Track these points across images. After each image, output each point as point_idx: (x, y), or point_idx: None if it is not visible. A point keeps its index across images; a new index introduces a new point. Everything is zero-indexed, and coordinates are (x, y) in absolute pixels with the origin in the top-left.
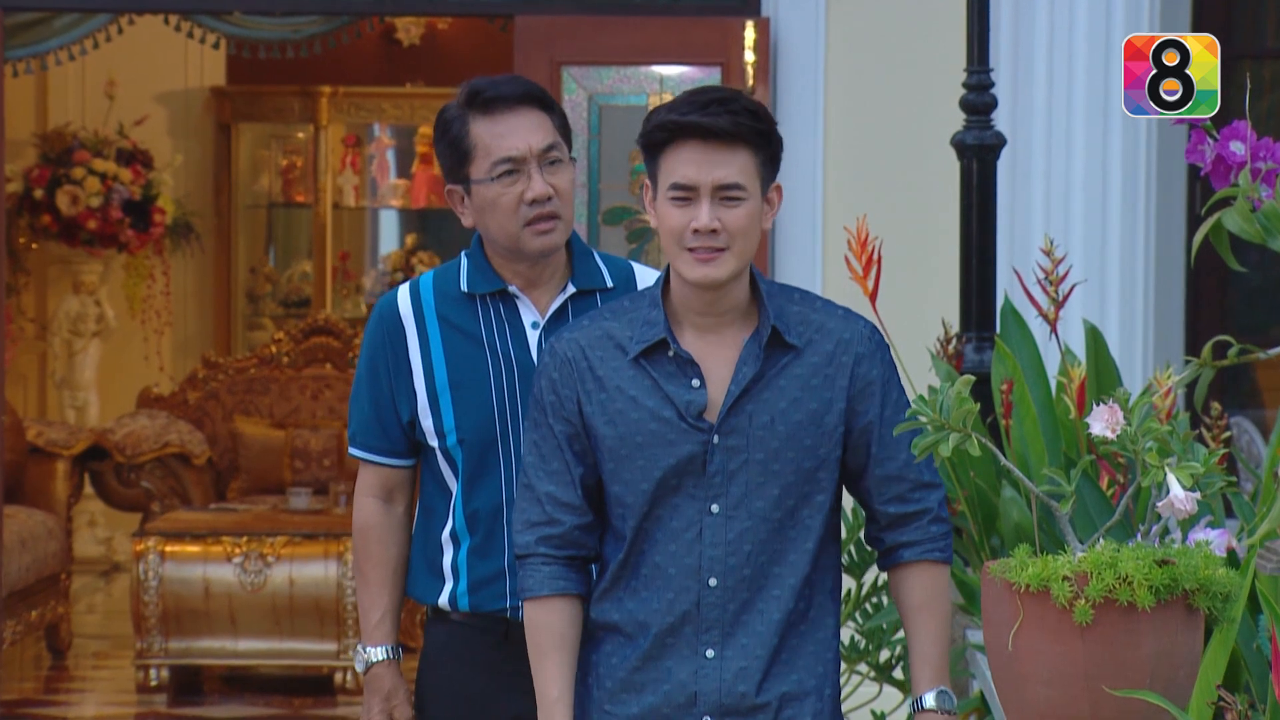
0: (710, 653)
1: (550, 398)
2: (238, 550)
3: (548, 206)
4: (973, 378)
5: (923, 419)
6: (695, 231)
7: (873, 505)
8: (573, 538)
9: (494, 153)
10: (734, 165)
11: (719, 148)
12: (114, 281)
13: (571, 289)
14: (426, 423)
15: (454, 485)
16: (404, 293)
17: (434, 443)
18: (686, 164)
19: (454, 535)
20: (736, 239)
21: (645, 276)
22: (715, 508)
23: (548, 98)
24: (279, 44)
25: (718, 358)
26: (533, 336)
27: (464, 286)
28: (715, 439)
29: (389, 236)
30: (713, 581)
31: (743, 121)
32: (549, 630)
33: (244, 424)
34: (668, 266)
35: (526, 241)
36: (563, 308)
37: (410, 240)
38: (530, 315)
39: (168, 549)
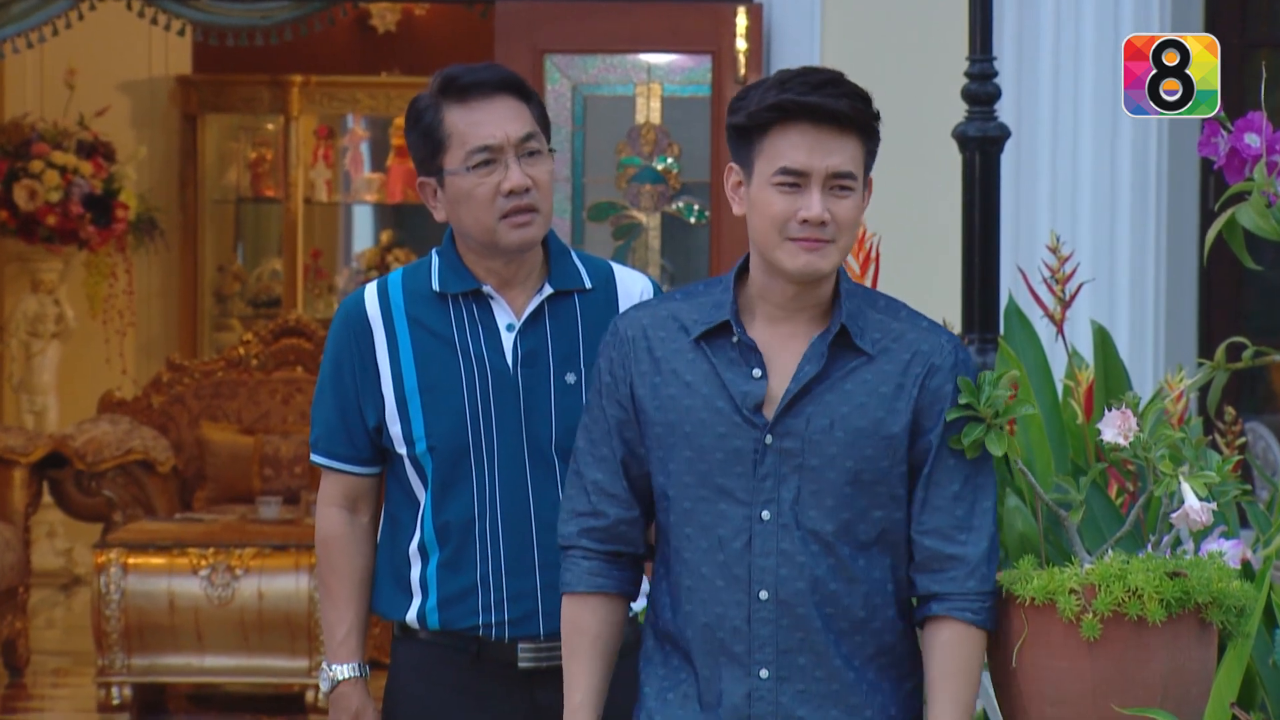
0: (764, 673)
1: (606, 379)
2: (204, 562)
3: (525, 199)
4: (1015, 372)
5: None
6: (804, 221)
7: (911, 534)
8: (618, 531)
9: (469, 142)
10: (846, 152)
11: (832, 132)
12: (74, 280)
13: (548, 290)
14: (394, 429)
15: (422, 495)
16: (371, 292)
17: (402, 450)
18: (797, 148)
19: (422, 548)
20: (844, 231)
21: (625, 277)
22: (766, 514)
23: (526, 86)
24: (247, 31)
25: (786, 351)
26: (507, 339)
27: (435, 285)
28: (768, 438)
29: (363, 233)
30: (764, 595)
31: (858, 106)
32: (581, 630)
33: (211, 430)
34: (745, 257)
35: (503, 235)
36: (539, 309)
37: (385, 237)
38: (505, 317)
39: (131, 561)
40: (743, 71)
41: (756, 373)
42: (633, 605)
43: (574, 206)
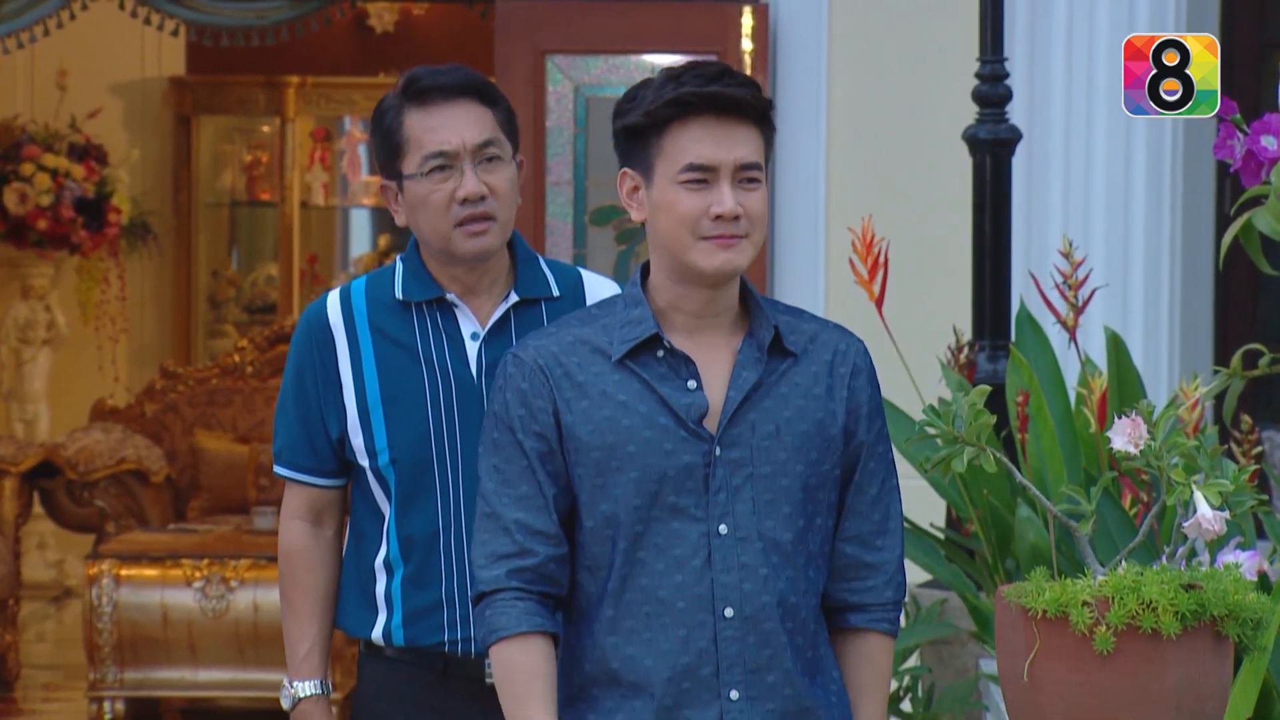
0: (735, 694)
1: (519, 411)
2: (198, 574)
3: (480, 207)
4: (987, 388)
5: (933, 432)
6: (717, 218)
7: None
8: (547, 571)
9: (425, 146)
10: (751, 143)
11: (735, 123)
12: (66, 286)
13: (514, 298)
14: (356, 440)
15: (387, 508)
16: (334, 300)
17: (364, 462)
18: (702, 142)
19: (387, 562)
20: (756, 225)
21: (594, 284)
22: (723, 529)
23: (490, 90)
24: (243, 31)
25: (710, 360)
26: (472, 348)
27: (399, 294)
28: (717, 450)
29: (360, 237)
30: (729, 612)
31: (756, 94)
32: (531, 672)
33: (205, 438)
34: (643, 265)
35: (457, 244)
36: (505, 317)
37: (383, 241)
38: (470, 325)
39: (123, 572)
40: (749, 73)
41: (692, 384)
42: None
43: (576, 210)
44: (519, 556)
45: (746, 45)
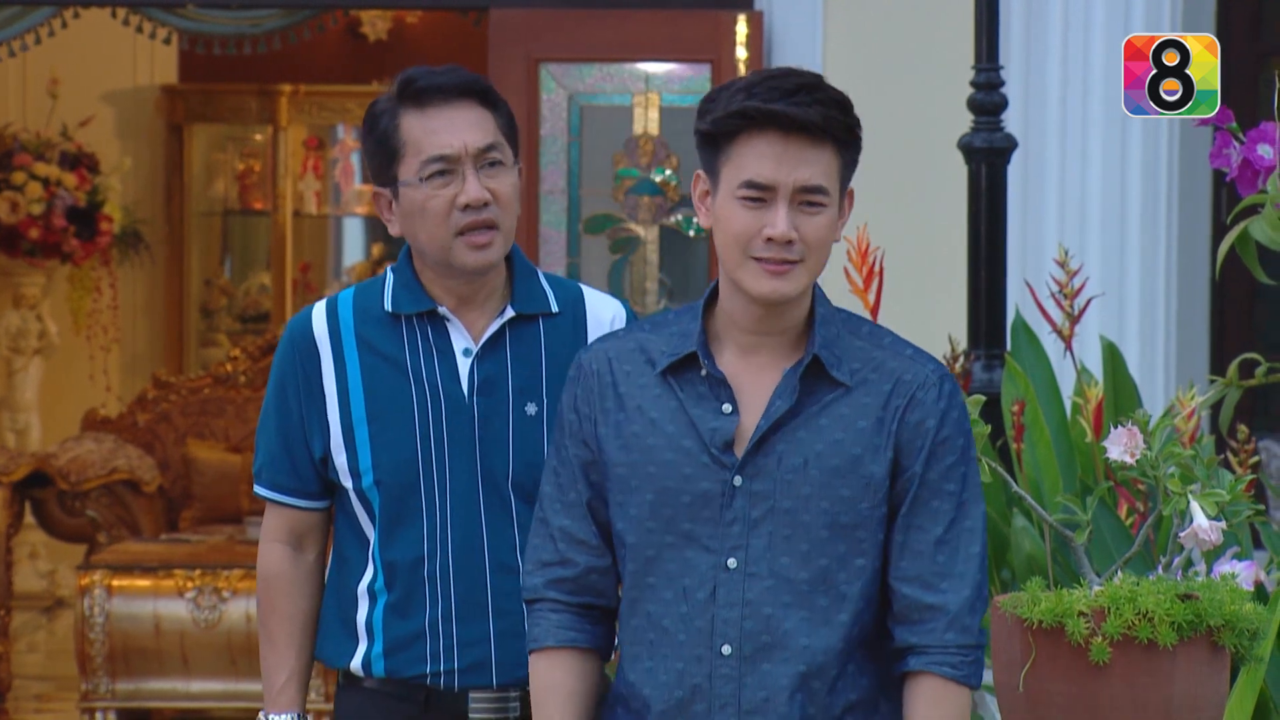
0: None
1: (570, 417)
2: (190, 584)
3: (484, 214)
4: (982, 398)
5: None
6: (769, 240)
7: (889, 581)
8: (588, 582)
9: (425, 150)
10: (819, 165)
11: (803, 143)
12: (57, 295)
13: (510, 313)
14: (339, 460)
15: (371, 532)
16: (319, 311)
17: (348, 483)
18: (763, 159)
19: (370, 589)
20: (813, 252)
21: (595, 302)
22: (732, 562)
23: (491, 92)
24: (235, 39)
25: (758, 384)
26: (464, 365)
27: (388, 305)
28: (737, 480)
29: (353, 246)
30: (726, 649)
31: (833, 115)
32: (553, 689)
33: (197, 448)
34: (715, 282)
35: (459, 255)
36: (500, 333)
37: (377, 250)
38: (462, 341)
39: (115, 583)
40: None
41: (726, 408)
42: None
43: (570, 219)
44: (560, 565)
45: (741, 53)
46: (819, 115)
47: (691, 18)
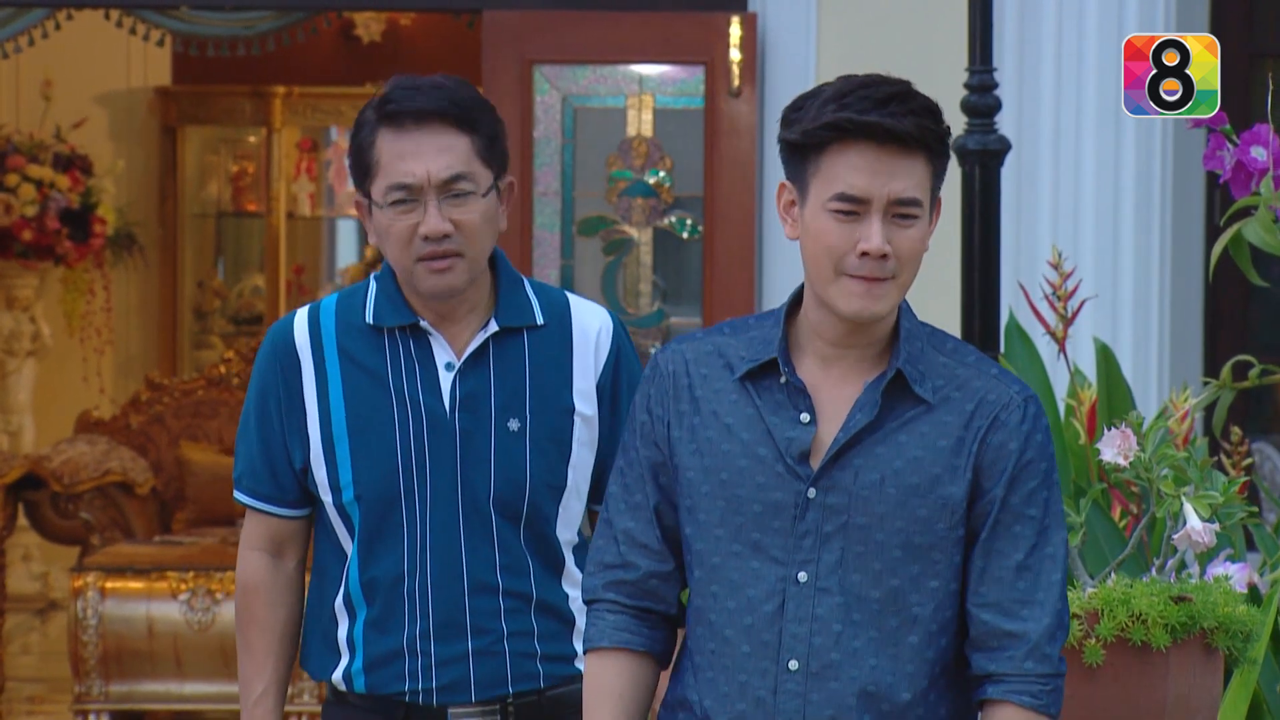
0: None
1: (643, 417)
2: (184, 586)
3: (443, 245)
4: None
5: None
6: (863, 255)
7: (967, 606)
8: (649, 586)
9: (390, 175)
10: (913, 176)
11: (896, 154)
12: (51, 297)
13: (494, 326)
14: (319, 474)
15: (349, 547)
16: (301, 319)
17: (327, 497)
18: (857, 171)
19: (348, 604)
20: (905, 266)
21: (582, 311)
22: (803, 576)
23: (470, 113)
24: (229, 41)
25: (838, 395)
26: (446, 379)
27: (369, 318)
28: (811, 492)
29: (347, 248)
30: (793, 665)
31: (926, 125)
32: (603, 689)
33: (191, 450)
34: (799, 288)
35: (420, 279)
36: (483, 347)
37: (370, 252)
38: (444, 355)
39: (108, 585)
40: (736, 83)
41: (805, 417)
42: None
43: (564, 221)
44: (620, 569)
45: (735, 55)
46: (913, 125)
47: (685, 19)
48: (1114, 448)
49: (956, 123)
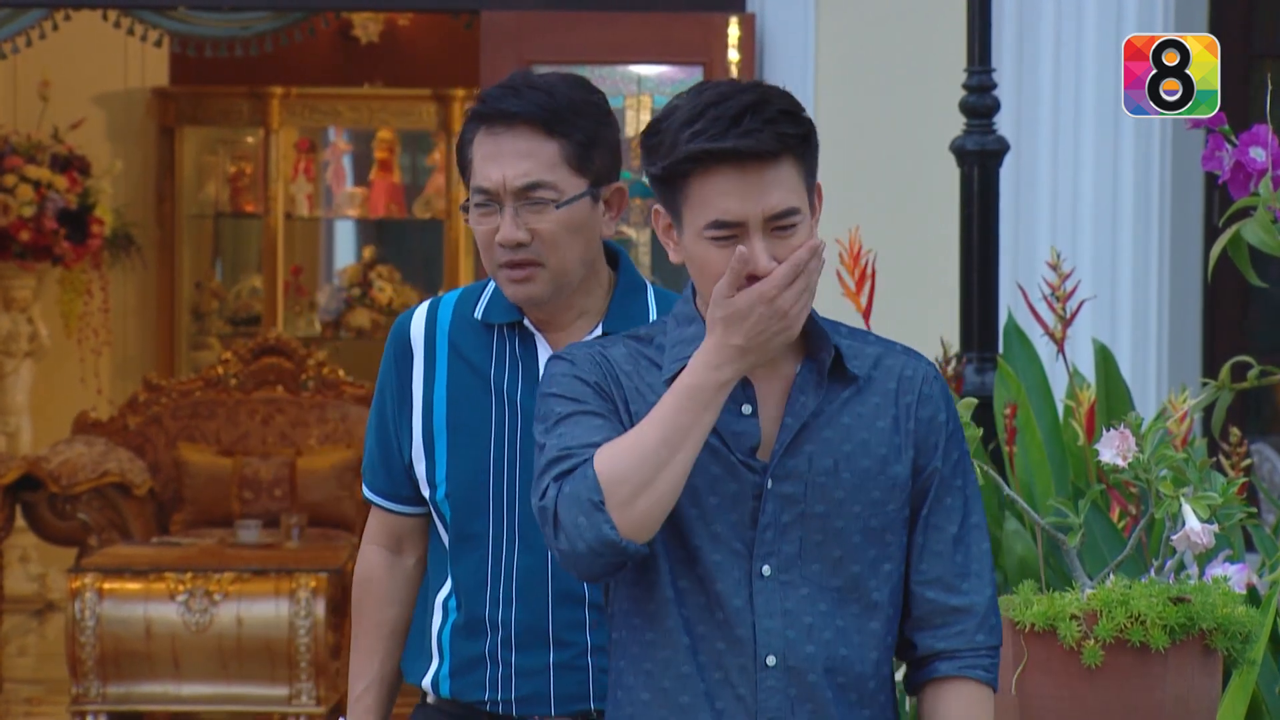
0: None
1: (590, 384)
2: (181, 587)
3: (519, 254)
4: (974, 401)
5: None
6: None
7: (910, 585)
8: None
9: (476, 177)
10: (783, 186)
11: (762, 169)
12: (48, 297)
13: (599, 331)
14: (420, 469)
15: (447, 543)
16: (421, 311)
17: (427, 493)
18: (726, 196)
19: (445, 603)
20: None
21: None
22: (766, 569)
23: (564, 119)
24: (226, 41)
25: (765, 390)
26: None
27: (478, 313)
28: (769, 483)
29: (345, 249)
30: (770, 660)
31: (785, 132)
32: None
33: (188, 451)
34: (691, 286)
35: (503, 285)
36: None
37: (368, 253)
38: (547, 355)
39: (106, 586)
40: None
41: (746, 409)
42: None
43: None
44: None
45: (733, 56)
46: (772, 139)
47: (683, 20)
48: (1113, 448)
49: (955, 123)
